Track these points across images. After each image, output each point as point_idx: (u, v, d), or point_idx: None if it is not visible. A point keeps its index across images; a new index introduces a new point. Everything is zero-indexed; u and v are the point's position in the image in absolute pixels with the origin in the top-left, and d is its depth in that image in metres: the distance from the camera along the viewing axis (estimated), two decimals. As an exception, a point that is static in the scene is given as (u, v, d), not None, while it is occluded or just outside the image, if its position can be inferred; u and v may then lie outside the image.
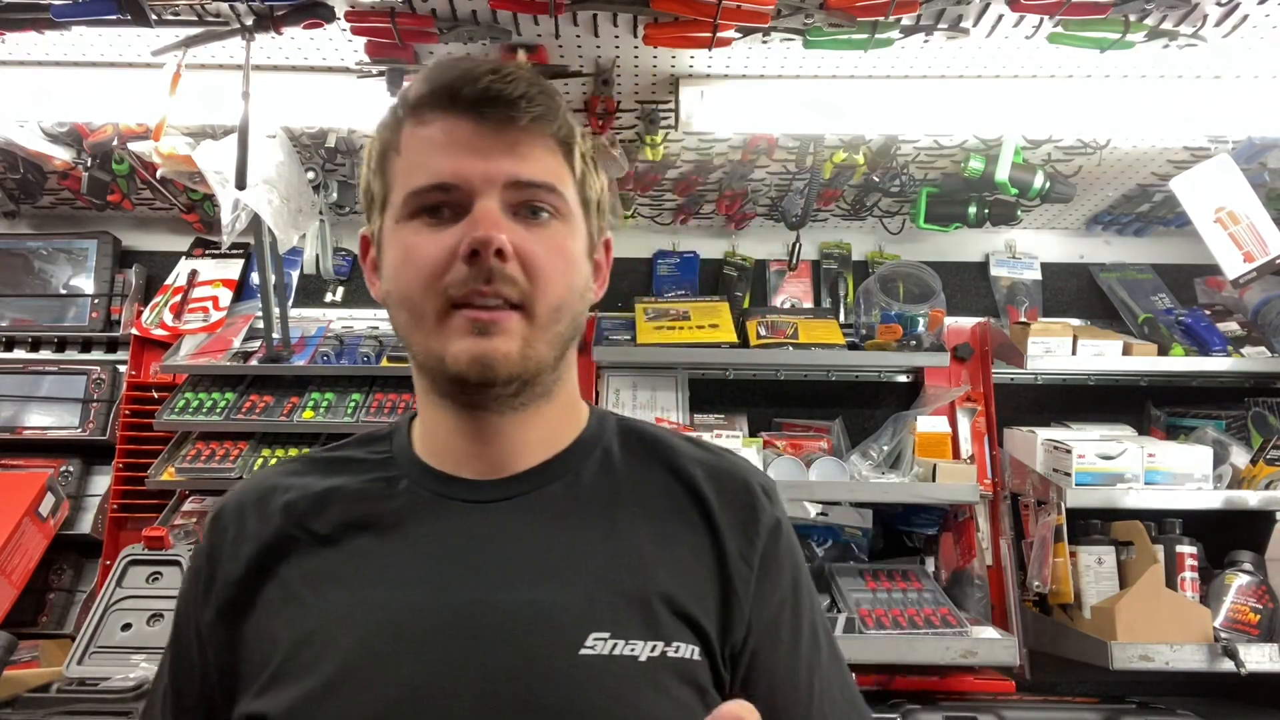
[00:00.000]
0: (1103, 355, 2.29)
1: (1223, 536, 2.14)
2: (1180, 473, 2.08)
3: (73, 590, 2.32)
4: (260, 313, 2.28)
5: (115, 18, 1.55)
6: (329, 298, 2.58)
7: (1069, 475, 2.07)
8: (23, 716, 1.59)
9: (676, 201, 2.46)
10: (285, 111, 1.90)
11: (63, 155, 2.10)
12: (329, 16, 1.57)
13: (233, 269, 2.55)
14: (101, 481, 2.38)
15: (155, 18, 1.57)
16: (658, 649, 0.71)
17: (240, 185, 1.72)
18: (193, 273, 2.54)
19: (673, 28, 1.60)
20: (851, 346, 2.35)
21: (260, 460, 2.22)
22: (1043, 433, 2.24)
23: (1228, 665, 1.85)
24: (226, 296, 2.49)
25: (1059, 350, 2.27)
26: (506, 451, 0.79)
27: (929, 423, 2.27)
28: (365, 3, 1.58)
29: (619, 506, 0.79)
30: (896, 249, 2.61)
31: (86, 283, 2.52)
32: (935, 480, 2.11)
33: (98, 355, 2.52)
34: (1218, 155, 2.02)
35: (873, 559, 2.25)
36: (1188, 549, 2.07)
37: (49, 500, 2.19)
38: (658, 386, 2.43)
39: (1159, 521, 2.11)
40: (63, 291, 2.53)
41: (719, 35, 1.59)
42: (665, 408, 2.38)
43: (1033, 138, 2.07)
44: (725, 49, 1.69)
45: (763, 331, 2.35)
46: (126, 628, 1.86)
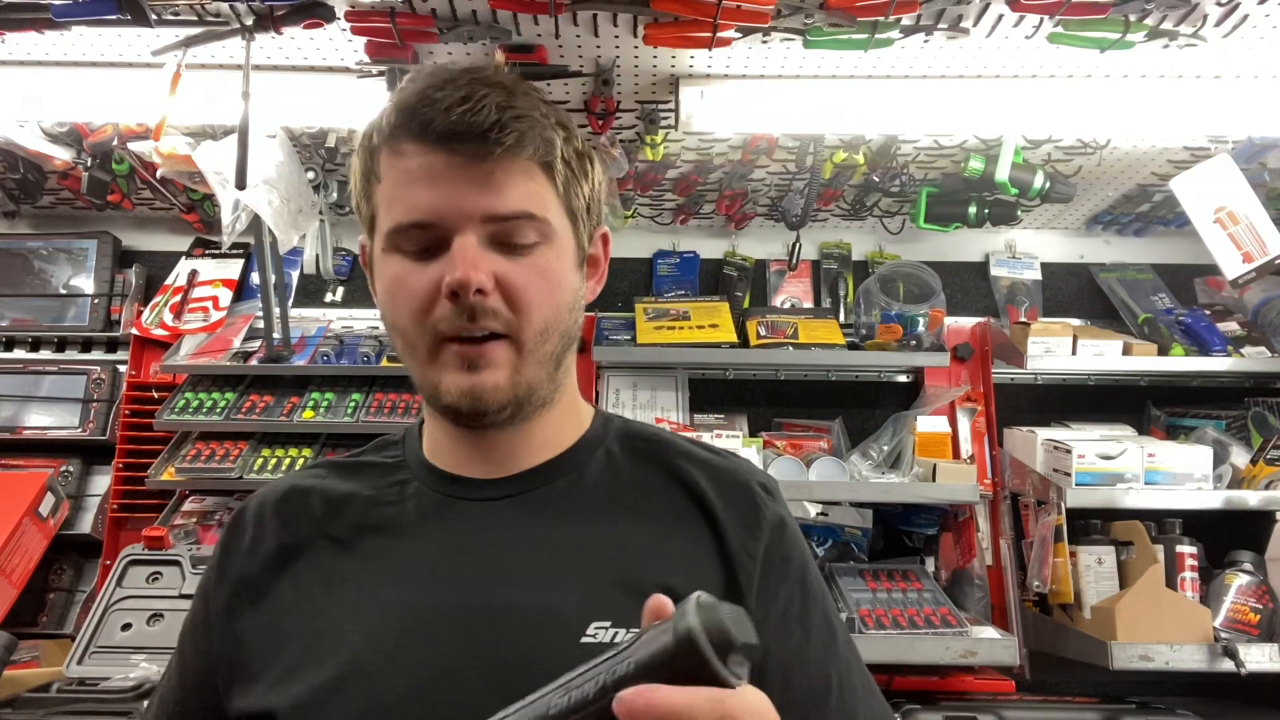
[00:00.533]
0: (1103, 355, 2.29)
1: (1223, 536, 2.14)
2: (1180, 473, 2.08)
3: (73, 590, 2.32)
4: (260, 313, 2.28)
5: (115, 18, 1.55)
6: (329, 298, 2.58)
7: (1069, 475, 2.07)
8: (23, 716, 1.59)
9: (676, 201, 2.46)
10: (285, 111, 1.90)
11: (63, 155, 2.10)
12: (329, 16, 1.57)
13: (233, 269, 2.56)
14: (101, 481, 2.38)
15: (155, 18, 1.57)
16: None
17: (240, 185, 1.72)
18: (193, 273, 2.54)
19: (673, 28, 1.60)
20: (851, 346, 2.35)
21: (260, 460, 2.22)
22: (1043, 433, 2.24)
23: (1228, 665, 1.85)
24: (226, 296, 2.49)
25: (1059, 350, 2.27)
26: (509, 454, 0.82)
27: (929, 423, 2.27)
28: (365, 3, 1.58)
29: (621, 504, 0.81)
30: (896, 249, 2.61)
31: (86, 283, 2.52)
32: (935, 480, 2.11)
33: (98, 355, 2.52)
34: (1218, 155, 2.02)
35: (873, 559, 2.25)
36: (1188, 549, 2.07)
37: (49, 500, 2.19)
38: (658, 386, 2.43)
39: (1159, 521, 2.11)
40: (63, 291, 2.53)
41: (719, 35, 1.59)
42: (665, 408, 2.38)
43: (1033, 138, 2.07)
44: (725, 49, 1.69)
45: (763, 331, 2.35)
46: (126, 628, 1.86)
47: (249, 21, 1.59)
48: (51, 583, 2.31)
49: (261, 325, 2.28)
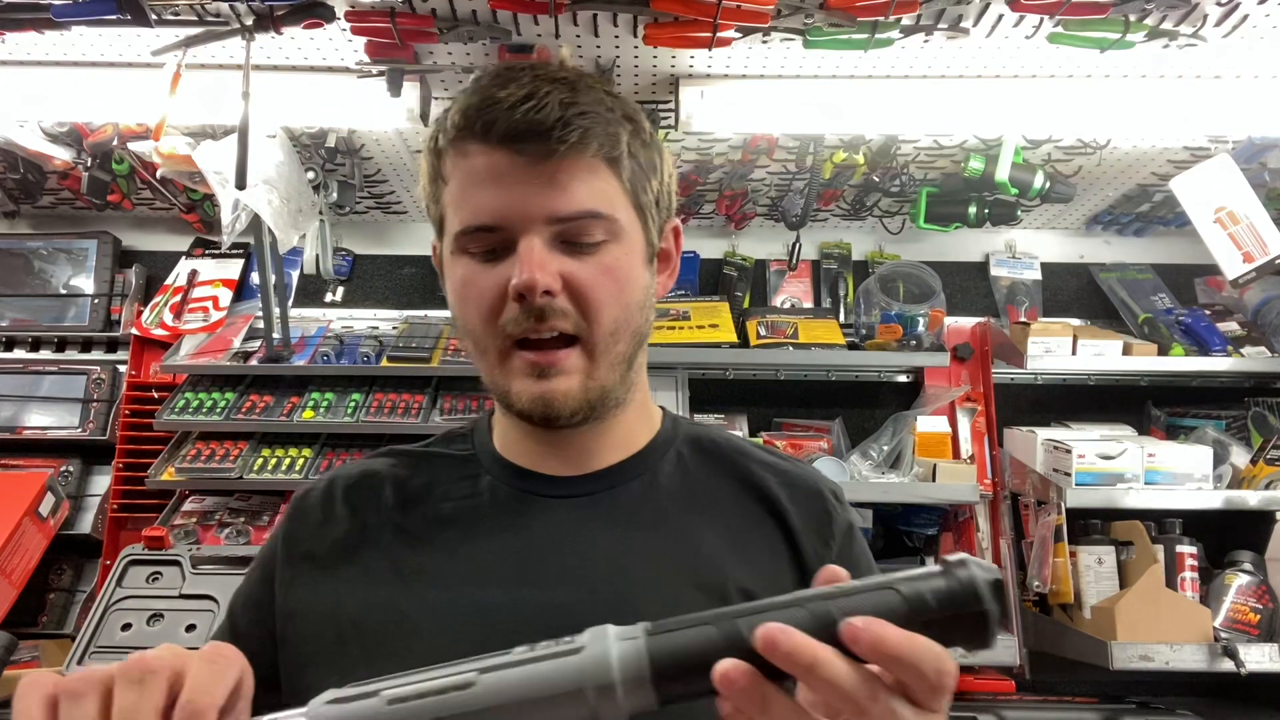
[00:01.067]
0: (1103, 355, 2.29)
1: (1223, 536, 2.14)
2: (1180, 473, 2.08)
3: (73, 590, 2.32)
4: (260, 313, 2.28)
5: (115, 18, 1.55)
6: (329, 298, 2.58)
7: (1069, 475, 2.07)
8: (23, 716, 1.59)
9: (677, 201, 2.46)
10: (285, 111, 1.90)
11: (63, 155, 2.10)
12: (329, 16, 1.57)
13: (233, 269, 2.55)
14: (101, 481, 2.38)
15: (155, 18, 1.57)
16: None
17: (240, 185, 1.72)
18: (193, 273, 2.54)
19: (673, 28, 1.60)
20: (851, 346, 2.35)
21: (260, 460, 2.22)
22: (1043, 433, 2.24)
23: (1228, 665, 1.85)
24: (226, 296, 2.49)
25: (1059, 350, 2.26)
26: (583, 453, 0.82)
27: (929, 423, 2.27)
28: (365, 3, 1.58)
29: (694, 507, 0.81)
30: (896, 249, 2.61)
31: (86, 283, 2.52)
32: (935, 480, 2.11)
33: (98, 355, 2.52)
34: (1218, 155, 2.02)
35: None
36: (1188, 549, 2.07)
37: (49, 500, 2.19)
38: (657, 386, 2.42)
39: (1159, 521, 2.11)
40: (63, 291, 2.52)
41: (719, 35, 1.59)
42: (665, 408, 2.38)
43: (1033, 138, 2.07)
44: (725, 49, 1.69)
45: (763, 331, 2.35)
46: (126, 628, 1.86)
47: (249, 21, 1.59)
48: (51, 583, 2.31)
49: (261, 325, 2.28)
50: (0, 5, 1.56)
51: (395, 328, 2.46)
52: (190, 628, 1.85)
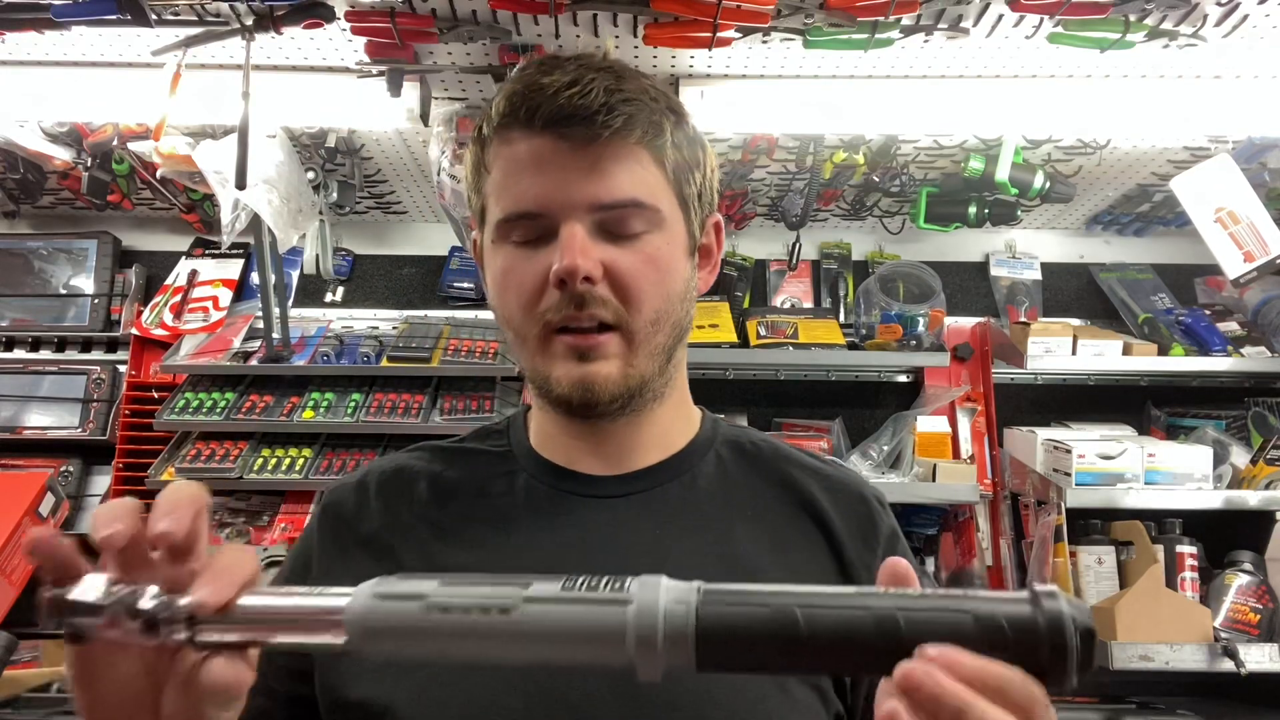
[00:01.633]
0: (1103, 355, 2.29)
1: (1223, 536, 2.14)
2: (1180, 473, 2.08)
3: (73, 590, 2.32)
4: (260, 313, 2.28)
5: (115, 18, 1.55)
6: (329, 298, 2.58)
7: (1069, 475, 2.07)
8: (23, 716, 1.59)
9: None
10: (285, 111, 1.90)
11: (63, 155, 2.10)
12: (329, 16, 1.57)
13: (233, 269, 2.55)
14: (101, 481, 2.38)
15: (155, 18, 1.57)
16: None
17: (240, 185, 1.72)
18: (193, 273, 2.54)
19: (673, 28, 1.60)
20: (851, 346, 2.35)
21: (260, 460, 2.22)
22: (1043, 433, 2.24)
23: (1228, 665, 1.85)
24: (226, 296, 2.49)
25: (1059, 350, 2.26)
26: (622, 449, 0.80)
27: (929, 423, 2.27)
28: (365, 3, 1.58)
29: (734, 511, 0.79)
30: (896, 249, 2.61)
31: (86, 283, 2.52)
32: (935, 480, 2.11)
33: (98, 355, 2.52)
34: (1218, 155, 2.02)
35: (873, 559, 2.25)
36: (1188, 549, 2.07)
37: (49, 500, 2.19)
38: (658, 386, 2.42)
39: (1159, 521, 2.11)
40: (63, 291, 2.53)
41: (719, 35, 1.59)
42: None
43: (1033, 138, 2.07)
44: (725, 49, 1.69)
45: (763, 331, 2.35)
46: (126, 628, 1.86)
47: (249, 21, 1.59)
48: (51, 583, 2.31)
49: (261, 325, 2.28)
50: (0, 5, 1.56)
51: (395, 328, 2.45)
52: (190, 628, 1.85)
